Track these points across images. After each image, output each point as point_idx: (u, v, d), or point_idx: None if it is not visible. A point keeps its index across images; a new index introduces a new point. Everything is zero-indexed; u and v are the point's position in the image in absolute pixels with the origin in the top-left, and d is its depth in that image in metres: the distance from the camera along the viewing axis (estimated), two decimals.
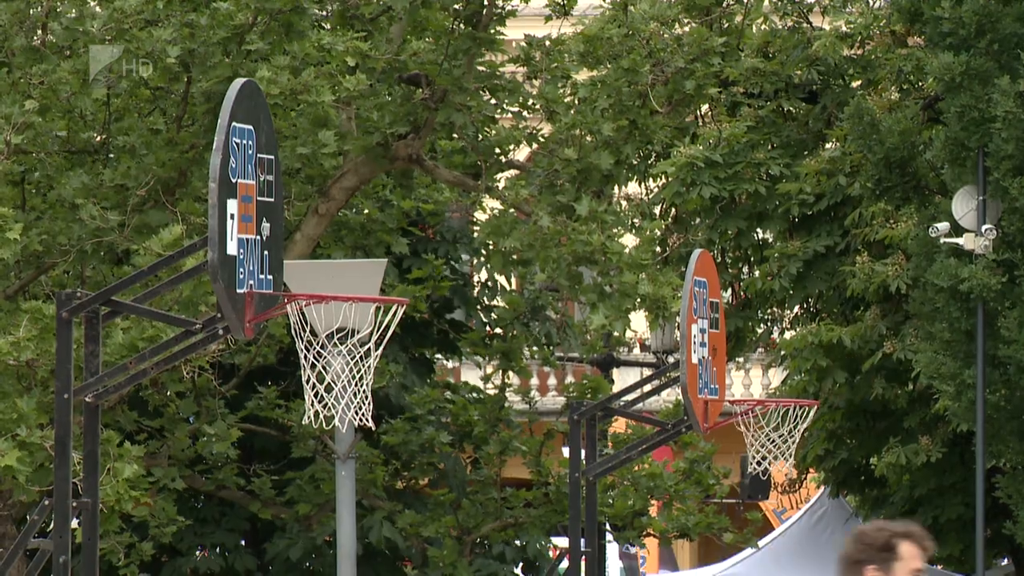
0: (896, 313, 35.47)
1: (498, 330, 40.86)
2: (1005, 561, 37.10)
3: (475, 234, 39.14)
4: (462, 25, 34.20)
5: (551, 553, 40.33)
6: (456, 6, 34.02)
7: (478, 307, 41.89)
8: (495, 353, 40.64)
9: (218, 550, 40.42)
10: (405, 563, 41.38)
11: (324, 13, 32.90)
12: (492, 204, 37.27)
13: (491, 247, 38.06)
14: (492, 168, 36.74)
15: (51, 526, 19.03)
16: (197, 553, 39.91)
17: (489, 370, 40.66)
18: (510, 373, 40.37)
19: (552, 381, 42.62)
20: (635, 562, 53.44)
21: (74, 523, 19.86)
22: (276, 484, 37.77)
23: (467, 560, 38.44)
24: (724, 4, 36.47)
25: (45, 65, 31.27)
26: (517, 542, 40.29)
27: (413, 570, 40.92)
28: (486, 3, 34.26)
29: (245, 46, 30.22)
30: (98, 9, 31.95)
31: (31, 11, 31.83)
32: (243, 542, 40.39)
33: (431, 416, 37.76)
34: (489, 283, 41.85)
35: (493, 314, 41.25)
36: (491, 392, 39.58)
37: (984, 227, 31.92)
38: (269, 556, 40.92)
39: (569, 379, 39.43)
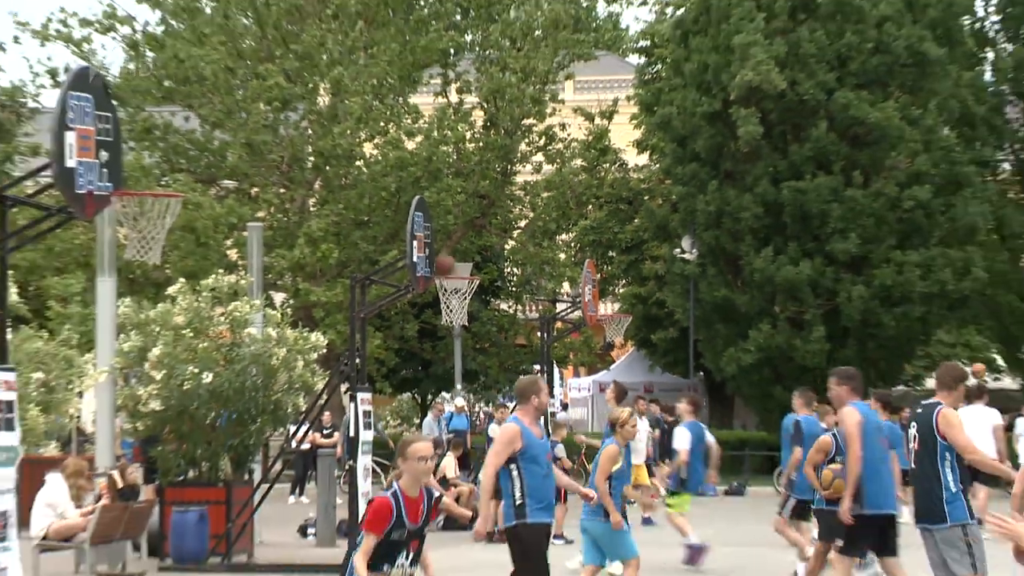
0: (661, 283, 34.96)
1: (514, 289, 40.52)
2: (701, 373, 36.42)
3: (505, 253, 38.79)
4: (501, 176, 34.08)
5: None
6: (498, 168, 33.88)
7: (508, 281, 40.93)
8: (514, 297, 40.42)
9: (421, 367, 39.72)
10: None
11: (448, 171, 32.55)
12: (511, 242, 37.34)
13: (511, 258, 38.16)
14: (511, 229, 36.83)
15: (347, 361, 18.77)
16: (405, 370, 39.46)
17: (512, 303, 40.35)
18: (519, 305, 40.21)
19: (533, 307, 42.28)
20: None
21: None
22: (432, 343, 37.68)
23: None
24: (599, 170, 35.99)
25: (339, 205, 31.07)
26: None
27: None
28: (509, 169, 34.17)
29: (418, 183, 29.96)
30: (365, 170, 31.73)
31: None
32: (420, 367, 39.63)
33: (489, 321, 37.47)
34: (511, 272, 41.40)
35: (512, 283, 40.66)
36: (511, 312, 39.29)
37: (693, 251, 31.58)
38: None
39: (540, 307, 39.08)
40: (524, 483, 9.63)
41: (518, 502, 9.64)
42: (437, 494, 7.58)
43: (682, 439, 17.40)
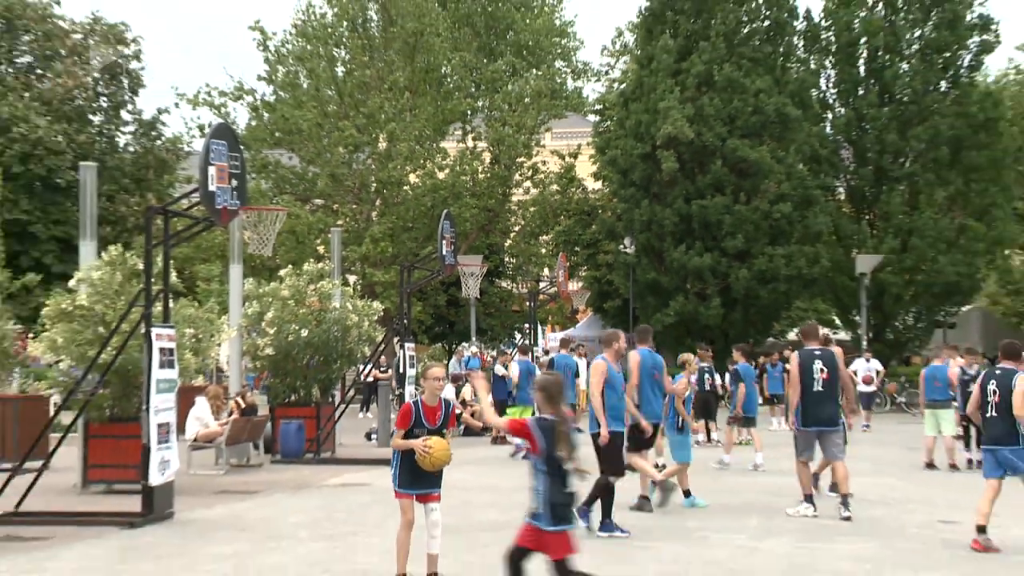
0: (610, 269, 34.42)
1: (511, 273, 40.29)
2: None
3: (505, 248, 38.61)
4: (502, 196, 33.95)
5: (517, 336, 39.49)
6: (500, 191, 33.73)
7: (507, 267, 40.65)
8: (511, 278, 40.25)
9: (448, 326, 39.22)
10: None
11: (466, 193, 32.38)
12: (509, 241, 37.11)
13: (509, 252, 37.89)
14: (509, 232, 36.60)
15: (398, 322, 18.75)
16: (437, 328, 38.99)
17: (510, 282, 40.14)
18: (515, 284, 40.02)
19: (524, 285, 42.21)
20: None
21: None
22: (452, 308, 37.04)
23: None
24: (568, 192, 35.79)
25: (393, 216, 30.89)
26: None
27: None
28: (507, 192, 34.00)
29: (446, 201, 29.83)
30: (410, 192, 31.42)
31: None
32: (447, 326, 39.50)
33: (494, 294, 37.28)
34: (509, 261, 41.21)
35: (510, 269, 40.43)
36: (509, 288, 39.11)
37: (631, 247, 31.26)
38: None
39: (529, 285, 39.00)
40: (605, 403, 9.61)
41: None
42: (454, 404, 7.50)
43: (512, 370, 17.92)
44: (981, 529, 8.89)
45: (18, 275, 20.53)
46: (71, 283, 13.30)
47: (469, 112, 35.27)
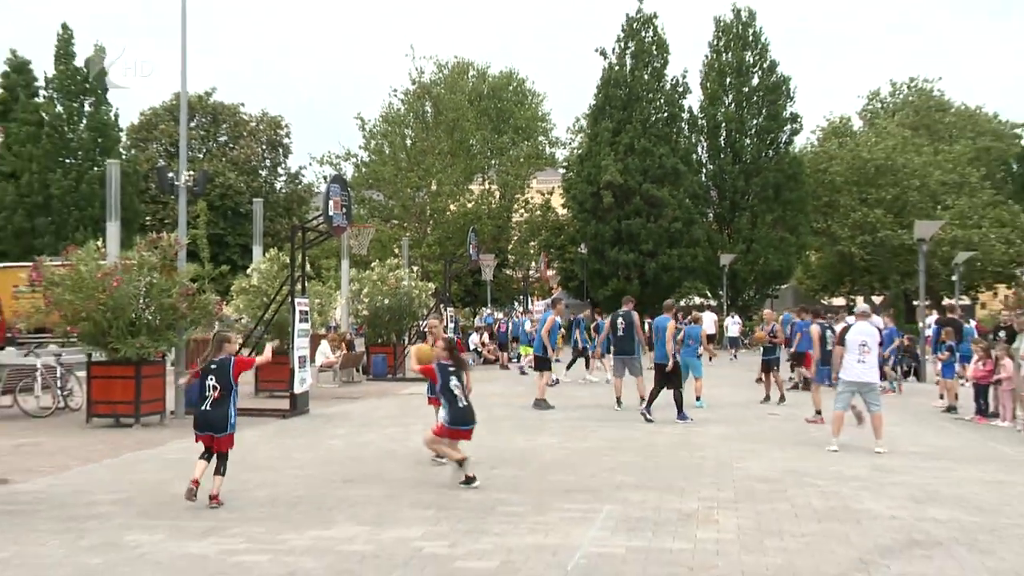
0: (572, 263, 33.77)
1: (512, 264, 39.63)
2: (590, 299, 34.80)
3: (508, 249, 37.84)
4: (506, 218, 33.40)
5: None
6: (505, 215, 33.18)
7: (509, 260, 39.66)
8: (512, 268, 39.67)
9: (474, 297, 37.89)
10: None
11: (484, 216, 31.67)
12: (511, 244, 36.56)
13: (510, 251, 37.27)
14: (510, 240, 35.99)
15: (442, 295, 18.60)
16: (466, 298, 36.56)
17: (511, 270, 39.45)
18: (514, 271, 39.38)
19: (520, 272, 41.50)
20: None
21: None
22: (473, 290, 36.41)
23: None
24: (547, 217, 35.16)
25: (439, 230, 30.37)
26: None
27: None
28: (509, 215, 33.51)
29: (472, 222, 29.23)
30: (450, 216, 30.92)
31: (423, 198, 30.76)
32: (473, 297, 38.43)
33: (501, 277, 36.51)
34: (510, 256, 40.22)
35: (511, 262, 39.57)
36: (510, 274, 38.51)
37: (585, 249, 30.74)
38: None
39: (523, 272, 38.22)
40: (674, 345, 9.67)
41: (672, 352, 9.64)
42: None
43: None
44: (818, 412, 9.22)
45: (218, 266, 21.13)
46: (248, 271, 13.38)
47: (486, 167, 34.93)
